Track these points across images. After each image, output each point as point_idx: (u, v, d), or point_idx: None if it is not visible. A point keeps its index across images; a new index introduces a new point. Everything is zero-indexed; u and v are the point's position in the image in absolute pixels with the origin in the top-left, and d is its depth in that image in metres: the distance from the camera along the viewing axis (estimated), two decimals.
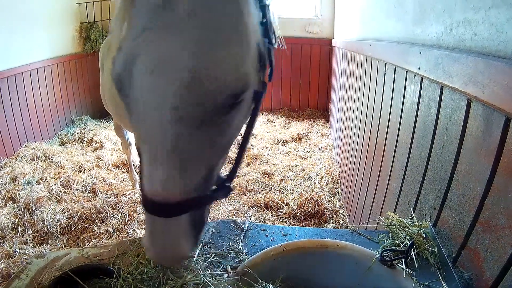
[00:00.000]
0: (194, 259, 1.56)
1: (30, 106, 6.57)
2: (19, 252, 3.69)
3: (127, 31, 1.02)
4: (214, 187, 1.18)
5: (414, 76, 2.04)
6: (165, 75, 0.93)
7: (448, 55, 1.53)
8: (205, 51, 0.93)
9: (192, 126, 0.98)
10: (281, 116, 7.72)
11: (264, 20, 1.15)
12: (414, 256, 1.45)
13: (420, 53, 1.89)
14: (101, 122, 7.93)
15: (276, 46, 1.27)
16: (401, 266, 1.40)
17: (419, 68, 1.91)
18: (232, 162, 1.29)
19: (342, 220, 3.89)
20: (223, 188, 1.23)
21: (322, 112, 7.51)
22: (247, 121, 1.22)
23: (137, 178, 4.77)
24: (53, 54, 7.02)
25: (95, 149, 6.41)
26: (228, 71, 0.96)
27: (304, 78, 7.76)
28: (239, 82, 0.99)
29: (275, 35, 1.26)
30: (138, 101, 1.01)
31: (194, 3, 0.92)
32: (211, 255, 1.59)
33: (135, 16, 1.00)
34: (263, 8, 1.15)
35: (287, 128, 7.12)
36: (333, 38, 6.82)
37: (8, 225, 4.13)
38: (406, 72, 2.19)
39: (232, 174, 1.28)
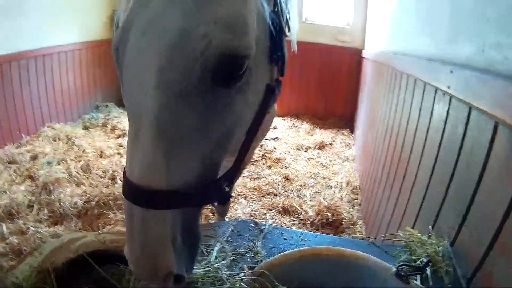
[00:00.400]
0: (214, 256, 1.59)
1: (56, 88, 6.68)
2: (33, 230, 3.75)
3: (126, 3, 0.99)
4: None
5: (443, 94, 2.03)
6: (154, 35, 0.88)
7: (478, 77, 1.53)
8: (195, 7, 0.87)
9: (179, 95, 0.88)
10: (306, 122, 7.70)
11: (276, 9, 1.09)
12: (429, 274, 1.46)
13: (451, 72, 1.88)
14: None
15: (287, 36, 1.18)
16: (416, 283, 1.40)
17: (448, 87, 1.90)
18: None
19: (359, 231, 3.87)
20: (219, 192, 1.09)
21: (347, 122, 7.46)
22: (254, 115, 1.12)
23: None
24: (83, 38, 7.14)
25: (118, 137, 6.46)
26: (219, 30, 0.87)
27: (332, 86, 7.72)
28: (232, 44, 0.89)
29: (288, 26, 1.19)
30: (126, 66, 0.95)
31: None
32: (229, 254, 1.62)
33: None
34: None
35: (311, 135, 7.09)
36: (364, 49, 6.79)
37: (24, 202, 4.21)
38: (436, 89, 2.19)
39: (230, 175, 1.13)
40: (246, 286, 1.37)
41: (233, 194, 4.45)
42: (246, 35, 0.92)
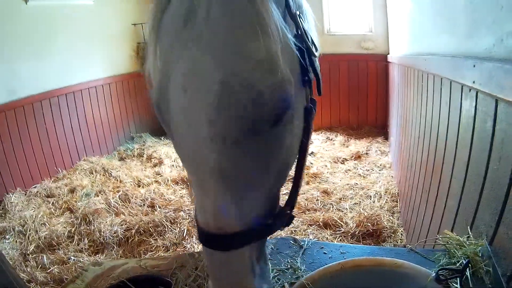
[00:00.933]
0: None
1: (89, 122, 6.94)
2: (74, 260, 3.87)
3: (158, 56, 0.99)
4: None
5: (470, 90, 1.98)
6: (197, 90, 0.88)
7: (500, 67, 1.48)
8: (230, 54, 0.86)
9: (233, 143, 0.90)
10: (340, 134, 7.65)
11: (299, 32, 1.06)
12: (469, 276, 1.40)
13: (474, 66, 1.84)
14: (161, 139, 8.10)
15: (318, 56, 1.16)
16: (456, 286, 1.35)
17: (473, 82, 1.85)
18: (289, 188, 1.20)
19: (400, 239, 3.78)
20: (283, 217, 1.14)
21: (381, 129, 7.35)
22: (301, 140, 1.12)
23: None
24: (111, 72, 7.41)
25: (155, 165, 6.59)
26: (260, 75, 0.87)
27: (362, 95, 7.66)
28: (275, 86, 0.89)
29: (315, 46, 1.16)
30: (175, 122, 0.96)
31: (210, 15, 0.87)
32: (270, 273, 1.62)
33: (163, 39, 0.97)
34: (294, 18, 1.06)
35: (346, 146, 7.04)
36: (389, 54, 6.72)
37: (64, 233, 4.35)
38: (462, 86, 2.14)
39: (291, 200, 1.18)
40: None
41: None
42: (284, 73, 0.91)
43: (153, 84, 1.00)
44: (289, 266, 1.69)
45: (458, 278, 1.38)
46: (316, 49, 1.16)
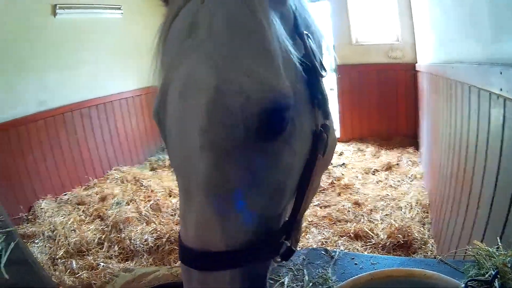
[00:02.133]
0: (285, 285, 1.60)
1: (120, 133, 7.10)
2: (103, 266, 3.93)
3: (161, 65, 1.01)
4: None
5: (497, 97, 1.95)
6: (191, 96, 0.87)
7: None
8: (225, 62, 0.86)
9: (224, 153, 0.86)
10: (371, 145, 7.59)
11: (306, 51, 1.04)
12: (497, 287, 1.37)
13: (501, 73, 1.81)
14: None
15: (324, 76, 1.11)
16: None
17: (501, 89, 1.82)
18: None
19: (431, 250, 3.72)
20: (276, 244, 1.01)
21: (411, 139, 7.23)
22: (304, 164, 1.06)
23: None
24: (142, 84, 7.53)
25: None
26: (254, 83, 0.85)
27: (392, 105, 7.57)
28: (269, 95, 0.86)
29: (323, 67, 1.12)
30: (169, 129, 0.96)
31: (213, 26, 0.88)
32: (301, 283, 1.62)
33: (167, 50, 0.99)
34: (301, 37, 1.05)
35: (377, 157, 6.98)
36: (417, 62, 6.63)
37: (94, 240, 4.43)
38: (490, 94, 2.10)
39: (288, 228, 1.05)
40: None
41: (304, 224, 4.42)
42: (281, 83, 0.89)
43: (156, 96, 1.00)
44: (319, 276, 1.70)
45: None
46: (325, 70, 1.12)
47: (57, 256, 4.17)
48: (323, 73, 1.10)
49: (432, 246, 3.82)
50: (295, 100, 0.93)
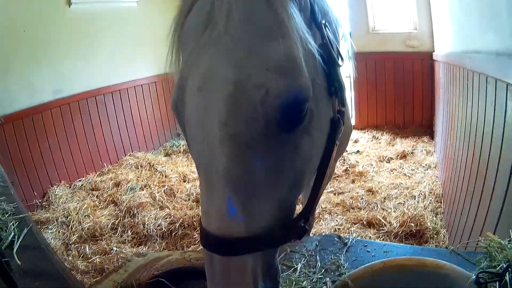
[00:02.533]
0: (298, 270, 1.63)
1: (135, 119, 7.12)
2: (116, 250, 3.97)
3: (178, 58, 1.02)
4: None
5: None
6: (211, 91, 0.88)
7: None
8: (244, 56, 0.86)
9: (246, 145, 0.88)
10: (386, 133, 7.51)
11: (324, 41, 1.04)
12: (508, 280, 1.38)
13: None
14: None
15: (341, 66, 1.12)
16: None
17: None
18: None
19: (442, 240, 3.71)
20: (295, 229, 1.05)
21: (426, 129, 7.16)
22: (322, 152, 1.08)
23: None
24: (157, 71, 7.51)
25: None
26: (274, 77, 0.86)
27: (408, 94, 7.48)
28: (289, 89, 0.87)
29: (340, 57, 1.13)
30: (189, 122, 0.97)
31: (230, 20, 0.87)
32: (313, 269, 1.65)
33: (183, 42, 0.99)
34: (319, 27, 1.05)
35: (392, 145, 6.92)
36: (434, 52, 6.54)
37: (107, 225, 4.47)
38: (507, 85, 2.09)
39: (306, 212, 1.08)
40: None
41: (317, 210, 4.44)
42: (301, 76, 0.89)
43: (174, 85, 1.01)
44: (332, 263, 1.72)
45: (497, 282, 1.37)
46: (342, 59, 1.13)
47: (71, 242, 4.23)
48: (340, 62, 1.11)
49: (444, 236, 3.82)
50: (313, 90, 0.94)
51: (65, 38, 5.78)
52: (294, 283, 1.54)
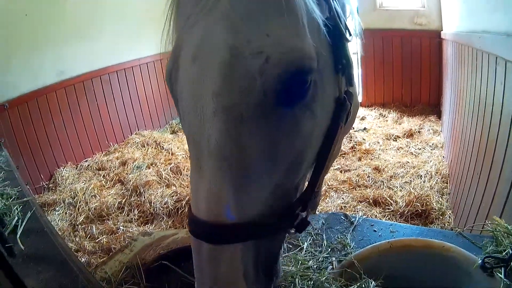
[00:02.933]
0: (304, 249, 1.63)
1: (141, 98, 7.11)
2: (123, 230, 4.00)
3: (174, 26, 0.96)
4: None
5: None
6: (205, 59, 0.81)
7: None
8: (242, 21, 0.79)
9: (241, 119, 0.80)
10: (393, 111, 7.49)
11: (331, 14, 0.97)
12: None
13: None
14: None
15: (349, 40, 1.05)
16: (500, 275, 1.34)
17: None
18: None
19: (448, 222, 3.72)
20: (292, 217, 0.97)
21: (434, 108, 7.11)
22: (325, 133, 1.01)
23: None
24: (161, 49, 7.41)
25: None
26: (274, 44, 0.79)
27: (415, 72, 7.41)
28: (292, 57, 0.79)
29: (348, 31, 1.07)
30: (181, 93, 0.90)
31: None
32: (319, 248, 1.66)
33: (181, 14, 0.93)
34: (327, 0, 0.98)
35: (399, 124, 6.90)
36: (442, 30, 6.44)
37: (114, 205, 4.50)
38: None
39: (305, 198, 1.01)
40: (332, 281, 1.39)
41: (323, 188, 4.44)
42: (305, 43, 0.83)
43: (168, 58, 0.95)
44: (338, 242, 1.73)
45: (503, 268, 1.37)
46: (350, 34, 1.07)
47: (78, 222, 4.26)
48: (348, 36, 1.05)
49: (449, 217, 3.82)
50: (318, 63, 0.88)
51: (66, 20, 5.71)
52: (300, 262, 1.55)
